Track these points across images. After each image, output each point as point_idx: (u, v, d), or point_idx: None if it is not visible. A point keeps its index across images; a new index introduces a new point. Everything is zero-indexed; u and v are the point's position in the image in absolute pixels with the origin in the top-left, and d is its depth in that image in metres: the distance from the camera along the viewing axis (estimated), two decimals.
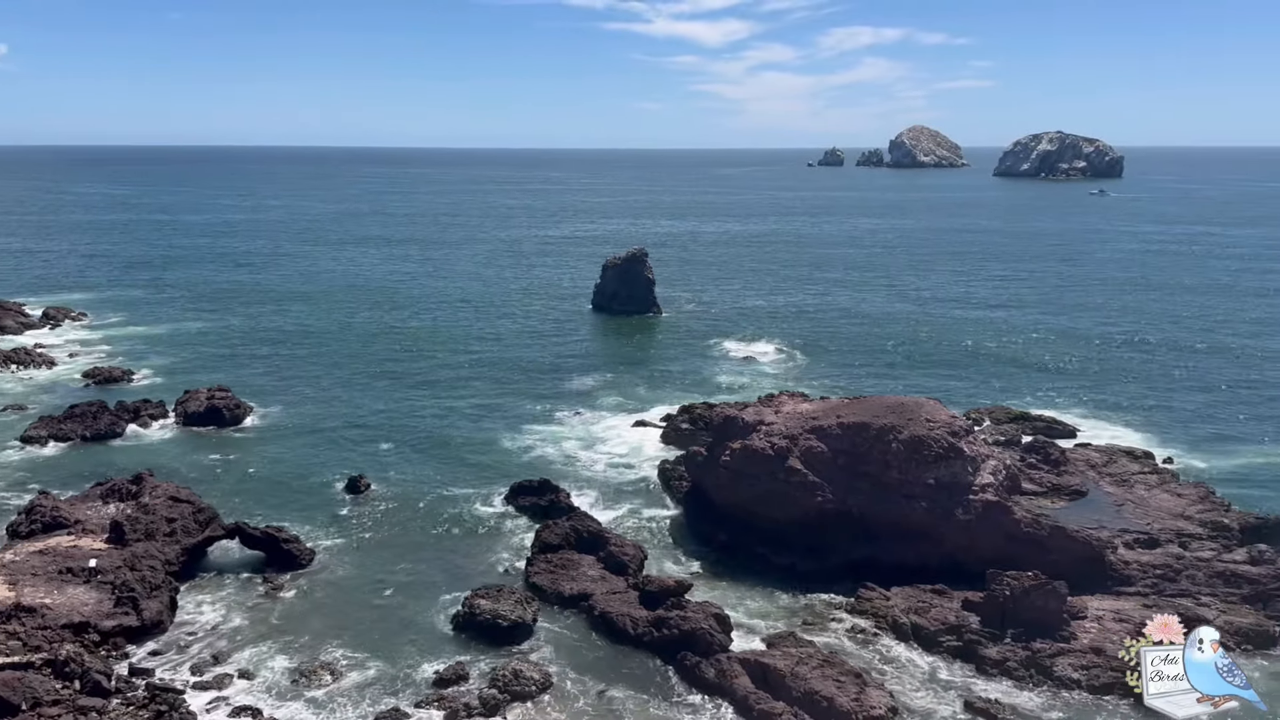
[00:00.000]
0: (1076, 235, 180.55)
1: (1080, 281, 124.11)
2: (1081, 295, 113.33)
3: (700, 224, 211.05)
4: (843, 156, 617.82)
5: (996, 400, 67.20)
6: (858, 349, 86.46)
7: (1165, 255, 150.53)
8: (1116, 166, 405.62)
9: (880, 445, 43.69)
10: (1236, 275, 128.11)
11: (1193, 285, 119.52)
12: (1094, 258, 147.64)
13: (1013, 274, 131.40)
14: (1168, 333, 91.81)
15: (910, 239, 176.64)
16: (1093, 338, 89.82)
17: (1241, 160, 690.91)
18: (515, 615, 37.60)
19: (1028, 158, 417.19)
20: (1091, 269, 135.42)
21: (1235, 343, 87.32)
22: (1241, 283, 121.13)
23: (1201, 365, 79.40)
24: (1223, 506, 45.55)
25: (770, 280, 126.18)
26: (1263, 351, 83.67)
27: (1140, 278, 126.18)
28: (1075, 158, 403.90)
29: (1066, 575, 38.31)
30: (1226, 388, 72.44)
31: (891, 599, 39.28)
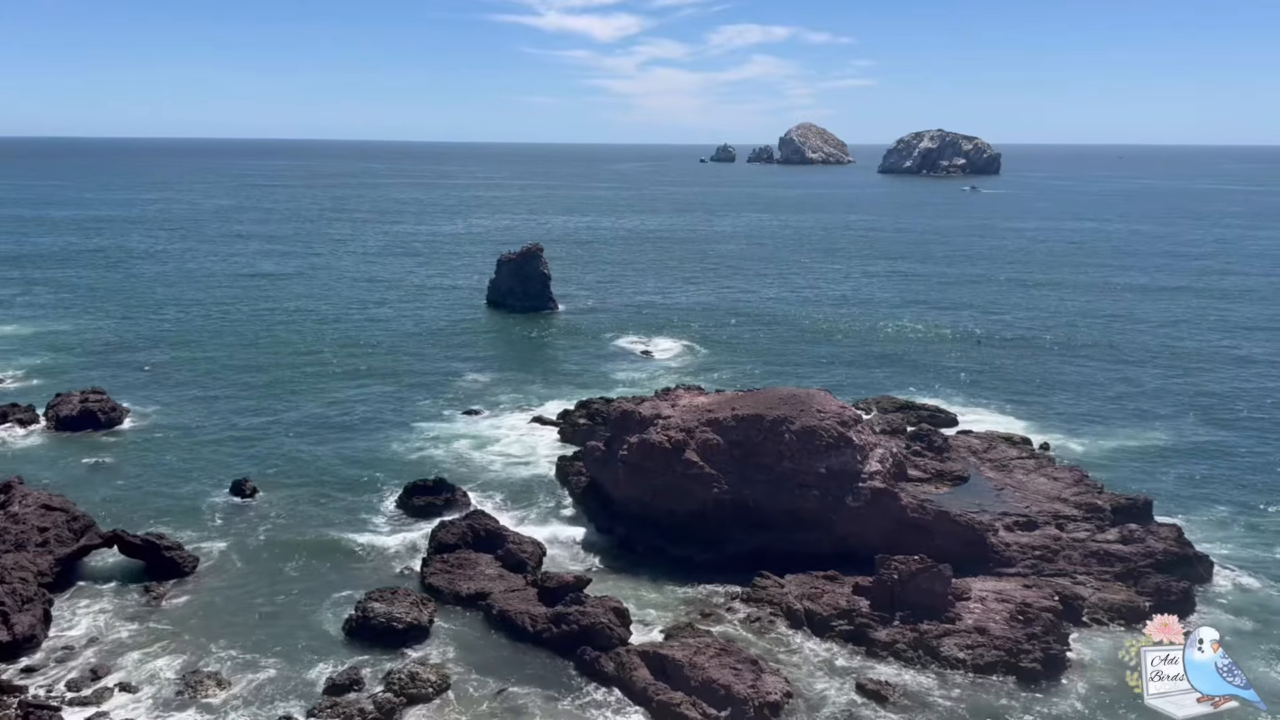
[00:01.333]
0: (955, 231, 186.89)
1: (959, 276, 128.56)
2: (961, 289, 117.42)
3: (596, 220, 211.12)
4: (734, 153, 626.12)
5: (883, 390, 69.15)
6: (752, 343, 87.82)
7: (1039, 250, 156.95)
8: (994, 164, 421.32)
9: (774, 436, 44.48)
10: (1104, 270, 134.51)
11: (1065, 280, 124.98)
12: (972, 253, 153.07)
13: (897, 269, 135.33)
14: (1042, 325, 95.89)
15: (802, 235, 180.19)
16: (972, 329, 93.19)
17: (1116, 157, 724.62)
18: (411, 617, 37.01)
19: (910, 155, 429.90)
20: (970, 263, 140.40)
21: (1103, 334, 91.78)
22: (1111, 279, 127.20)
23: (1073, 356, 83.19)
24: (1096, 489, 47.83)
25: (667, 276, 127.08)
26: (1129, 342, 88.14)
27: (1016, 273, 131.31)
28: (955, 155, 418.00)
29: (951, 558, 39.70)
30: (1097, 377, 76.07)
31: (786, 586, 40.05)
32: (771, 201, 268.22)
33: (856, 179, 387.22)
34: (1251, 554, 44.13)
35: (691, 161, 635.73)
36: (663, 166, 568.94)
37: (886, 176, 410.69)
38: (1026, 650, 35.02)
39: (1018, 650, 35.08)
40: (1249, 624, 38.25)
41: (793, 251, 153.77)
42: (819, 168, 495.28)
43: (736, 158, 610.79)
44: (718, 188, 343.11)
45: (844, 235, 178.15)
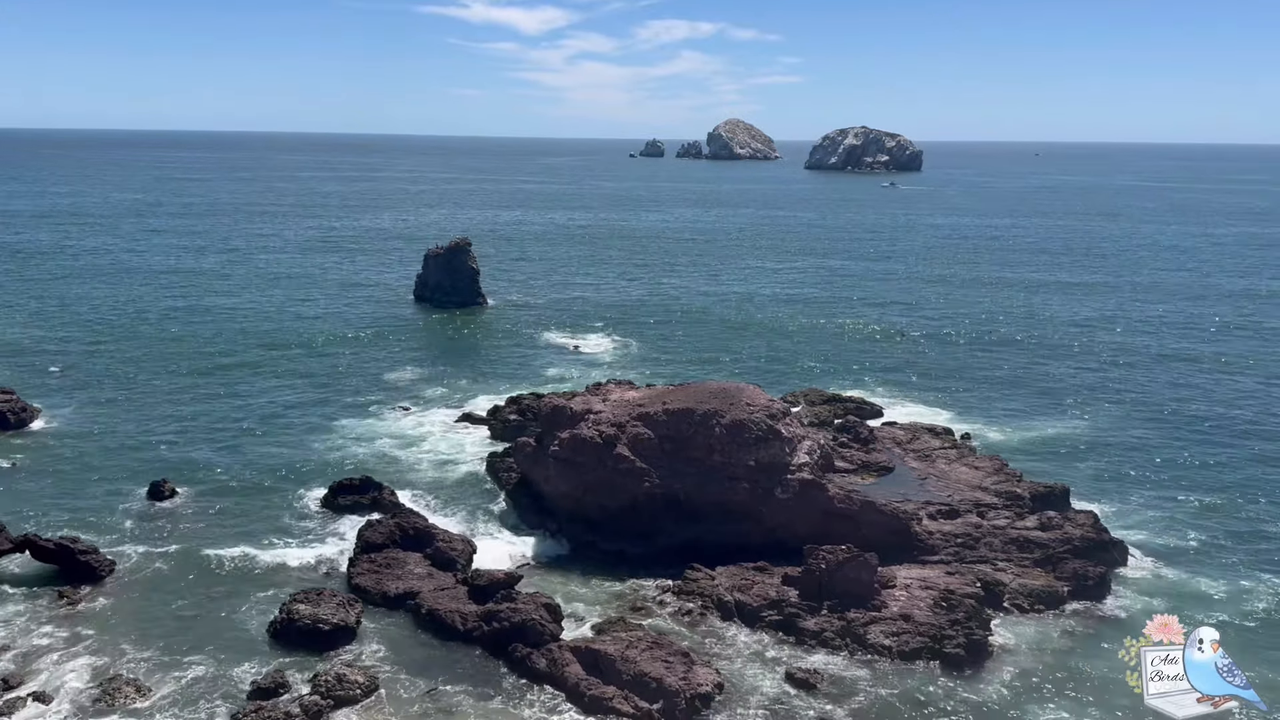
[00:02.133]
0: (879, 227, 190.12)
1: (884, 271, 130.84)
2: (884, 284, 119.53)
3: (525, 214, 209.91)
4: (663, 148, 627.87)
5: (811, 384, 70.06)
6: (683, 337, 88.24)
7: (959, 245, 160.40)
8: (916, 160, 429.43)
9: (704, 430, 44.78)
10: (1022, 265, 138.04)
11: (984, 275, 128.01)
12: (896, 249, 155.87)
13: (823, 265, 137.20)
14: (962, 319, 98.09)
15: (731, 231, 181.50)
16: (896, 323, 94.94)
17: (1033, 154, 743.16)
18: (337, 618, 36.43)
19: (835, 151, 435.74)
20: (894, 259, 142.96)
21: (1021, 328, 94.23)
22: (1028, 274, 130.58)
23: (992, 349, 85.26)
24: (1015, 477, 49.11)
25: (598, 271, 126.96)
26: (1046, 336, 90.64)
27: (938, 268, 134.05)
28: (879, 152, 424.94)
29: (877, 547, 40.41)
30: (1015, 369, 78.09)
31: (716, 578, 40.38)
32: (701, 197, 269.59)
33: (784, 175, 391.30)
34: (1164, 540, 45.76)
35: (621, 156, 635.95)
36: (593, 161, 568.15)
37: (813, 172, 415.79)
38: (950, 636, 35.85)
39: (942, 636, 35.89)
40: (1160, 607, 39.44)
41: (723, 247, 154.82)
42: (747, 163, 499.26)
43: (666, 153, 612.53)
44: (648, 182, 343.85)
45: (772, 231, 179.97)
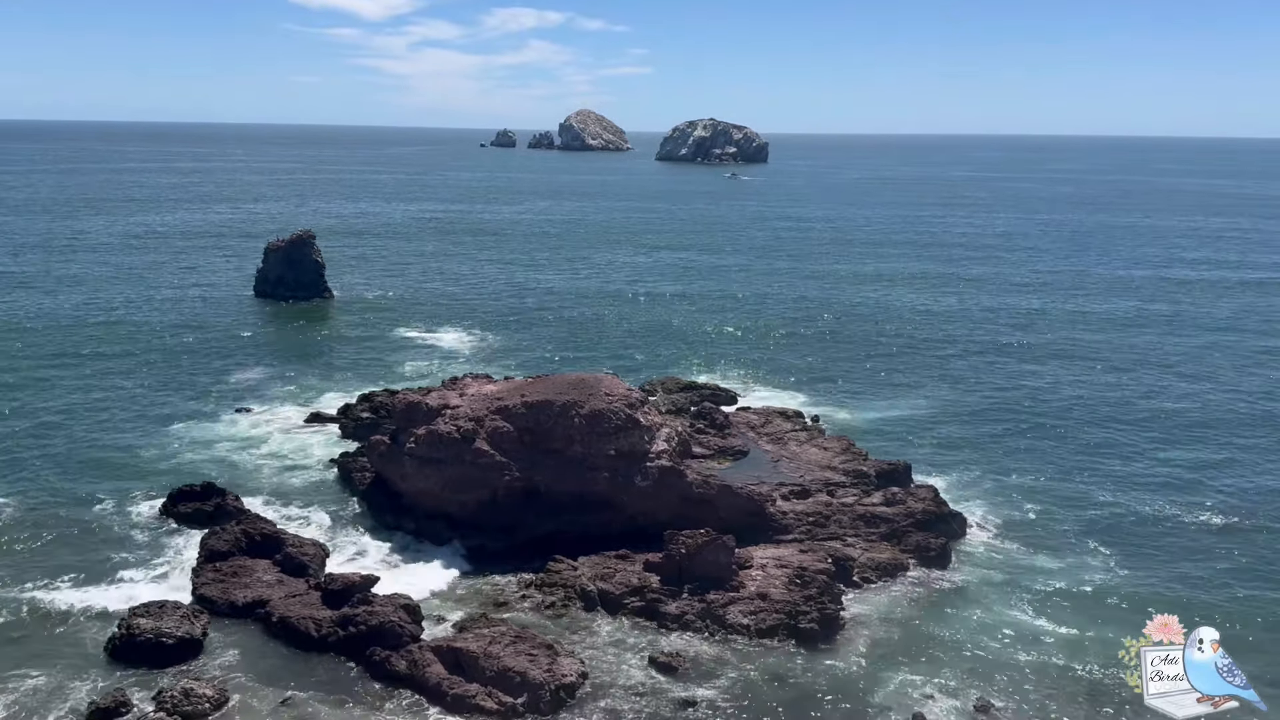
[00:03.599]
0: (726, 217, 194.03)
1: (733, 260, 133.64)
2: (734, 273, 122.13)
3: (373, 205, 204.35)
4: (514, 138, 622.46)
5: (668, 372, 70.99)
6: (540, 329, 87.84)
7: (805, 235, 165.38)
8: (762, 152, 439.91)
9: (564, 421, 44.76)
10: (862, 253, 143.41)
11: (828, 264, 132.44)
12: (743, 238, 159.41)
13: (676, 254, 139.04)
14: (809, 305, 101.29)
15: (585, 222, 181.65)
16: (747, 311, 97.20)
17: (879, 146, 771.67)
18: (182, 631, 34.71)
19: (685, 143, 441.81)
20: (742, 248, 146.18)
21: (864, 313, 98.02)
22: (866, 263, 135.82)
23: (837, 333, 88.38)
24: (862, 456, 51.08)
25: (451, 263, 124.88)
26: (887, 322, 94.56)
27: (783, 257, 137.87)
28: (727, 144, 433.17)
29: (734, 529, 41.36)
30: (858, 353, 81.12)
31: (579, 569, 40.47)
32: (555, 188, 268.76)
33: (636, 166, 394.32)
34: (1000, 511, 48.46)
35: (472, 146, 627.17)
36: (442, 150, 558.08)
37: (664, 164, 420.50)
38: (805, 612, 37.04)
39: (797, 612, 37.04)
40: (999, 576, 42.03)
41: (579, 239, 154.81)
42: (599, 154, 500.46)
43: (517, 143, 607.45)
44: (500, 173, 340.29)
45: (627, 222, 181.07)
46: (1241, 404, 65.17)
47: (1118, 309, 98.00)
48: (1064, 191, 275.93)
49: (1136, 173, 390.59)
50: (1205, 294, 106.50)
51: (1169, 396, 67.49)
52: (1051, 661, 35.18)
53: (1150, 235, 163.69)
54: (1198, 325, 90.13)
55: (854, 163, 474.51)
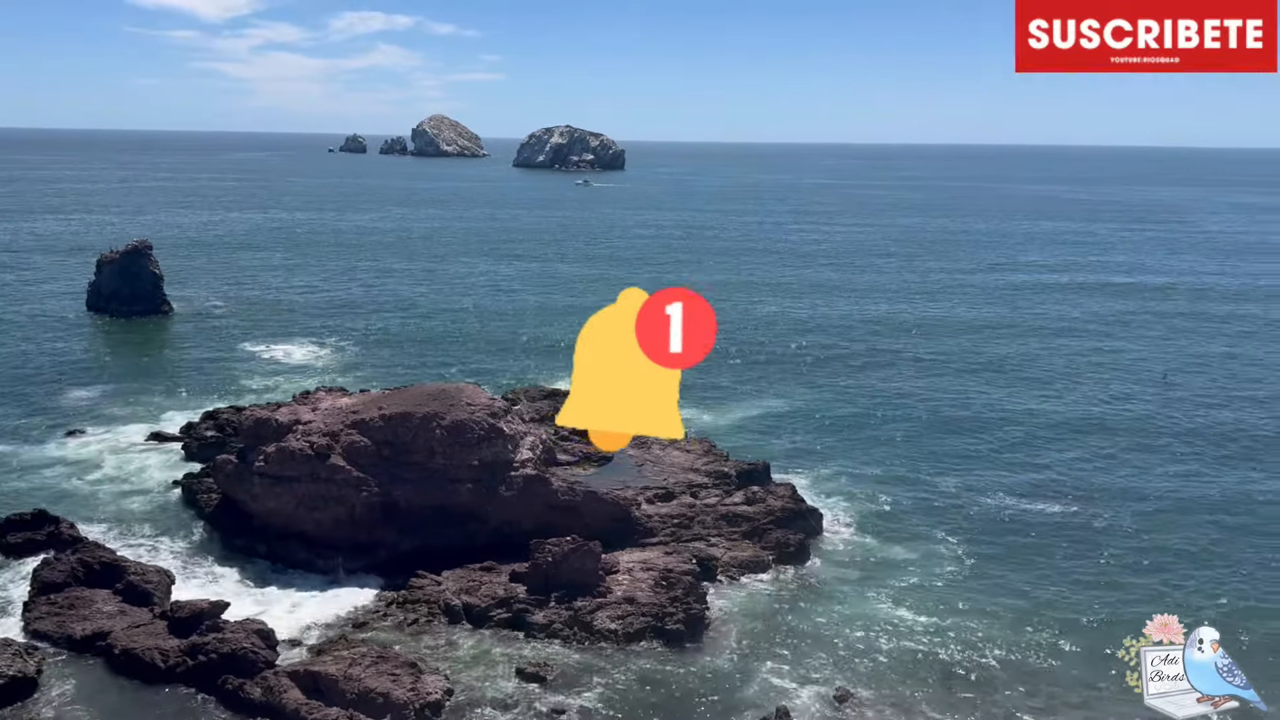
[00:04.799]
0: (586, 222, 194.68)
1: (591, 267, 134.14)
2: (595, 280, 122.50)
3: (215, 214, 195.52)
4: (365, 143, 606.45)
5: (530, 380, 70.55)
6: (397, 340, 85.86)
7: (662, 242, 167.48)
8: (620, 159, 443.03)
9: (424, 433, 43.85)
10: (721, 259, 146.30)
11: (688, 269, 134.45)
12: (604, 243, 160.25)
13: (534, 260, 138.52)
14: None
15: (441, 229, 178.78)
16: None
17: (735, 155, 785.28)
18: (13, 670, 32.31)
19: (542, 150, 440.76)
20: (600, 254, 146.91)
21: (724, 319, 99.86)
22: (729, 270, 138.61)
23: None
24: (723, 457, 52.01)
25: (301, 273, 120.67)
26: (742, 324, 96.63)
27: (644, 263, 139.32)
28: (584, 151, 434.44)
29: (600, 534, 41.41)
30: (716, 354, 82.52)
31: (443, 584, 39.71)
32: (409, 195, 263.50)
33: (493, 173, 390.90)
34: (855, 506, 50.08)
35: (320, 151, 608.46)
36: (289, 156, 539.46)
37: (521, 170, 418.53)
38: (671, 613, 37.39)
39: (663, 614, 37.35)
40: (856, 568, 43.47)
41: (435, 246, 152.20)
42: (454, 160, 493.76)
43: (368, 148, 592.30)
44: (350, 179, 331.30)
45: (483, 229, 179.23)
46: (1076, 404, 68.92)
47: (961, 312, 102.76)
48: (913, 198, 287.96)
49: (985, 180, 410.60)
50: (1043, 297, 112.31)
51: (1009, 396, 71.09)
52: (908, 648, 36.58)
53: (992, 239, 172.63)
54: (1036, 328, 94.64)
55: (711, 170, 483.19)
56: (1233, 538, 46.45)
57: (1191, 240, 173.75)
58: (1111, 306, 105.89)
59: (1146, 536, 46.50)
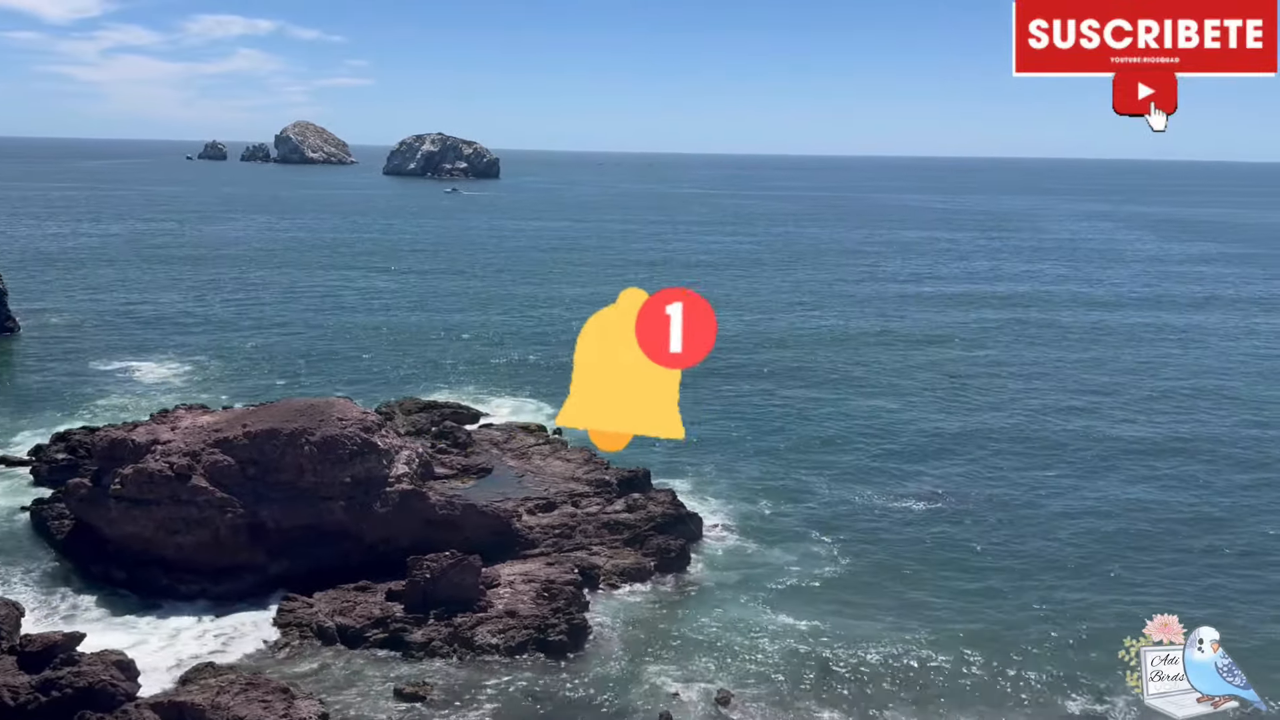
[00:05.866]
0: (460, 232, 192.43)
1: (467, 276, 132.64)
2: (471, 290, 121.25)
3: (64, 225, 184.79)
4: (225, 150, 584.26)
5: (404, 392, 69.09)
6: (263, 355, 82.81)
7: (536, 250, 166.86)
8: (494, 167, 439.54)
9: (293, 450, 42.39)
10: (593, 271, 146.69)
11: (561, 278, 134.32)
12: (479, 252, 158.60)
13: (408, 270, 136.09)
14: (543, 320, 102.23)
15: (310, 238, 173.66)
16: (483, 328, 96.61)
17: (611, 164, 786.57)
18: None
19: (413, 157, 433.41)
20: (477, 264, 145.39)
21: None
22: (599, 284, 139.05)
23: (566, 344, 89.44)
24: (604, 465, 51.94)
25: (159, 287, 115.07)
26: None
27: (518, 273, 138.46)
28: (457, 159, 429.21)
29: (481, 548, 40.81)
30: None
31: (315, 605, 38.45)
32: (273, 203, 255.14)
33: (361, 180, 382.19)
34: (734, 510, 50.75)
35: (178, 159, 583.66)
36: (144, 164, 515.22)
37: (392, 178, 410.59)
38: (553, 624, 37.13)
39: (545, 626, 37.06)
40: (736, 572, 44.03)
41: (301, 256, 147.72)
42: (320, 168, 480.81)
43: (228, 155, 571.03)
44: (210, 187, 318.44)
45: (352, 238, 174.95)
46: (944, 411, 70.85)
47: (834, 320, 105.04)
48: (785, 208, 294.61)
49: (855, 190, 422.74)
50: (910, 304, 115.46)
51: (881, 403, 72.77)
52: (789, 649, 37.23)
53: (861, 248, 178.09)
54: (905, 335, 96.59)
55: (587, 179, 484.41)
56: (1093, 540, 48.13)
57: (1044, 246, 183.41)
58: (976, 315, 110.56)
59: (1011, 538, 48.15)
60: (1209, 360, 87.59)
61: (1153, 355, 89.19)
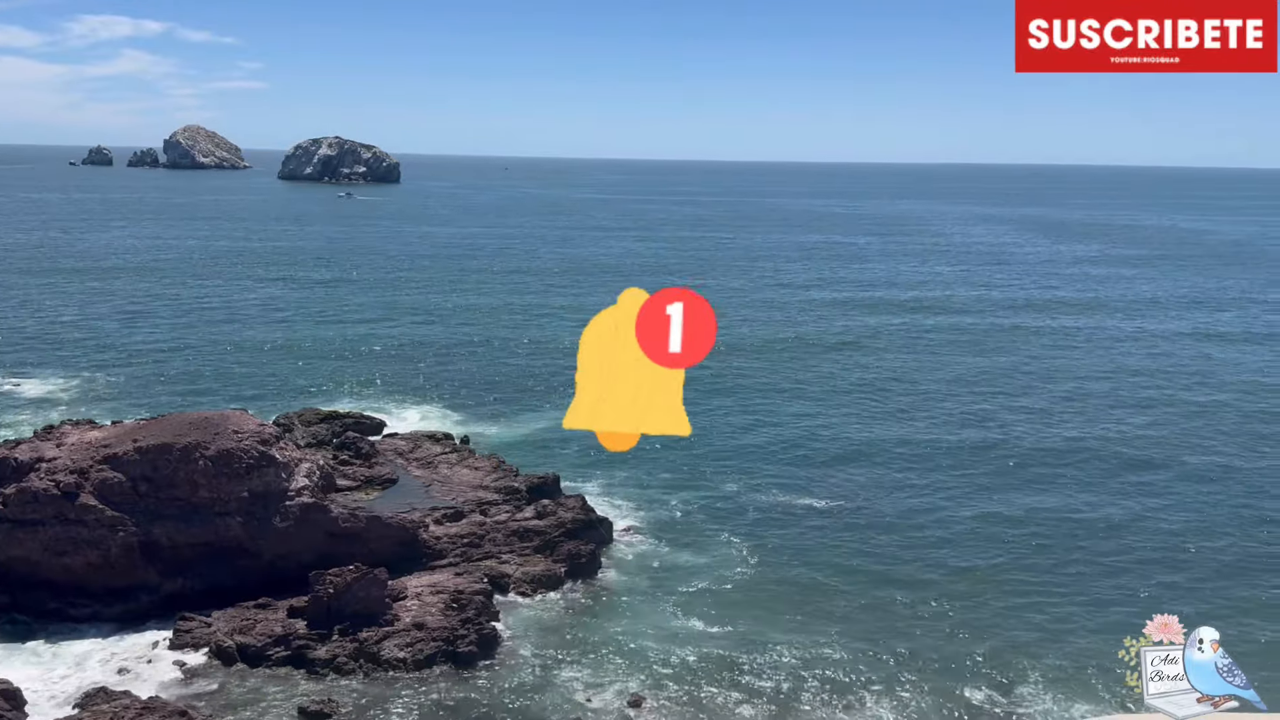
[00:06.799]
0: (358, 238, 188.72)
1: (366, 281, 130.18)
2: (373, 296, 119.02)
3: None
4: (111, 155, 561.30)
5: (304, 403, 67.41)
6: (155, 366, 79.74)
7: (439, 256, 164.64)
8: (394, 172, 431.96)
9: (186, 465, 40.96)
10: (498, 277, 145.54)
11: (463, 283, 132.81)
12: (379, 258, 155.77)
13: (303, 278, 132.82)
14: (453, 325, 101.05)
15: (201, 246, 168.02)
16: (385, 336, 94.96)
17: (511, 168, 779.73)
18: None
19: (310, 161, 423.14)
20: (376, 270, 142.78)
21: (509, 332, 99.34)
22: (504, 291, 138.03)
23: (479, 352, 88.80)
24: (513, 472, 51.62)
25: (42, 297, 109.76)
26: (524, 337, 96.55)
27: (418, 279, 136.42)
28: (355, 163, 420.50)
29: (387, 560, 40.11)
30: (500, 370, 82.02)
31: (214, 624, 37.24)
32: (164, 210, 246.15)
33: (256, 185, 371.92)
34: (645, 513, 50.91)
35: (60, 164, 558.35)
36: (23, 170, 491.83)
37: (288, 183, 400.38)
38: (463, 635, 36.69)
39: (454, 637, 36.60)
40: (647, 576, 44.19)
41: (193, 265, 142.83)
42: (213, 173, 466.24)
43: (115, 161, 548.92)
44: (96, 194, 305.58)
45: (247, 246, 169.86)
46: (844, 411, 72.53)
47: (740, 325, 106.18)
48: (687, 212, 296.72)
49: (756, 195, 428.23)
50: (813, 311, 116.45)
51: (784, 402, 74.22)
52: (701, 651, 37.49)
53: (760, 252, 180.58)
54: (808, 341, 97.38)
55: (488, 184, 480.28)
56: (993, 543, 49.13)
57: (938, 249, 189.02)
58: (879, 320, 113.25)
59: (915, 539, 48.91)
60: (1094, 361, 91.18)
61: (1043, 356, 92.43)
